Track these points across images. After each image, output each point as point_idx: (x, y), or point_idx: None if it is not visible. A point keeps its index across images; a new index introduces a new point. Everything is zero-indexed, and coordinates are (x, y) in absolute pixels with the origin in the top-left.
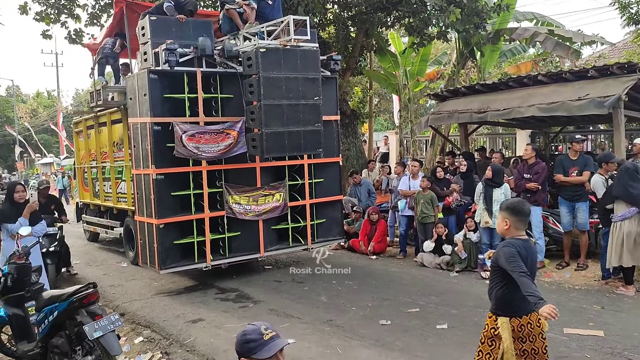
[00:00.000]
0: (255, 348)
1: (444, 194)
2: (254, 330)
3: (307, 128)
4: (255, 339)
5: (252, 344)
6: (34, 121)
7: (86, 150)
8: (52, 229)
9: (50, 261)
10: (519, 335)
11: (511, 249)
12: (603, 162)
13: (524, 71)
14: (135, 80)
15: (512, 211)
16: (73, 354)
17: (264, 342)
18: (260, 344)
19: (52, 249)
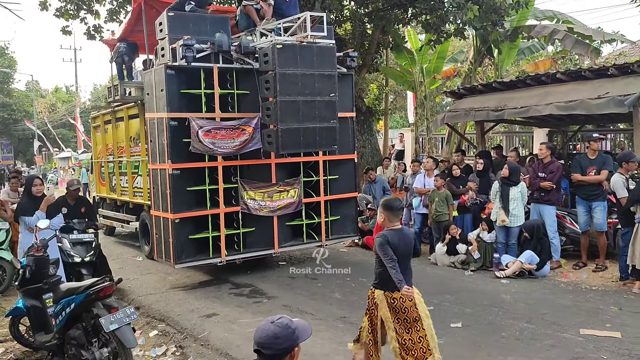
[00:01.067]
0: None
1: (460, 192)
2: (286, 320)
3: (322, 124)
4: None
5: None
6: (53, 116)
7: (103, 144)
8: (87, 235)
9: (86, 272)
10: (394, 306)
11: (381, 240)
12: (623, 162)
13: (542, 69)
14: (152, 75)
15: (385, 207)
16: (89, 346)
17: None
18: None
19: (87, 258)
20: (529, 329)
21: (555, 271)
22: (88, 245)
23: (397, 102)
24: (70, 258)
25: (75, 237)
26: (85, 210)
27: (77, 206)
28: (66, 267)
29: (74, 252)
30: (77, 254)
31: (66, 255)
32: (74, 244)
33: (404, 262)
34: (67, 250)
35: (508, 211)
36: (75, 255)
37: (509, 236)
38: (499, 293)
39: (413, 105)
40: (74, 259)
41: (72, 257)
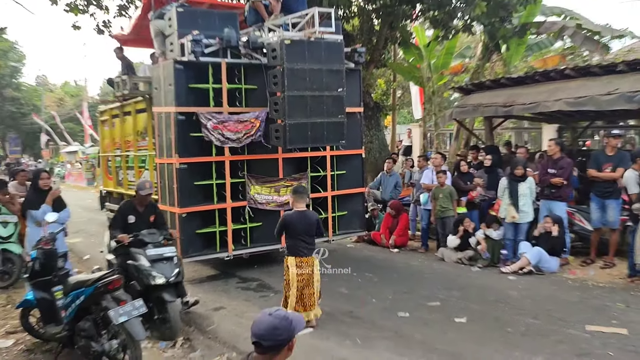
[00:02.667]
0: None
1: (467, 188)
2: (283, 313)
3: (330, 120)
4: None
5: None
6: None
7: (110, 138)
8: (167, 250)
9: (170, 296)
10: (300, 266)
11: (280, 221)
12: (637, 157)
13: (550, 65)
14: (160, 70)
15: (293, 192)
16: (99, 338)
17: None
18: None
19: (172, 279)
20: (535, 324)
21: (563, 268)
22: (171, 263)
23: (405, 98)
24: (151, 279)
25: (154, 253)
26: (156, 218)
27: (147, 214)
28: (146, 291)
29: (156, 271)
30: (160, 273)
31: (145, 277)
32: (153, 261)
33: (304, 237)
34: (145, 269)
35: (517, 207)
36: (157, 275)
37: (517, 232)
38: (505, 289)
39: (420, 101)
40: (156, 281)
41: (153, 279)
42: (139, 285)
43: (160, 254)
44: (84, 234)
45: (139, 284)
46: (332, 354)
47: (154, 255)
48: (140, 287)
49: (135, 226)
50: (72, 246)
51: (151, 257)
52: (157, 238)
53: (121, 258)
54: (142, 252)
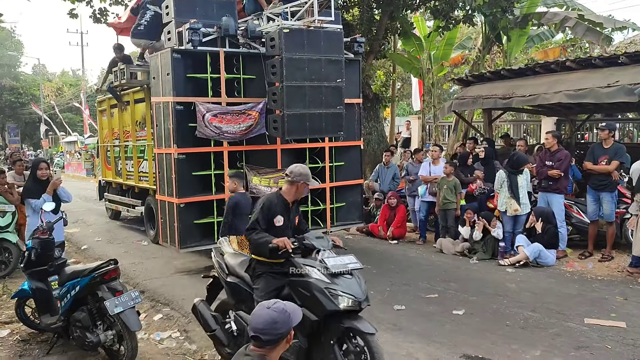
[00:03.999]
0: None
1: (468, 180)
2: (281, 305)
3: (328, 110)
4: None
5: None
6: (59, 100)
7: (109, 129)
8: (350, 259)
9: (368, 327)
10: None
11: (229, 202)
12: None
13: (551, 57)
14: (158, 59)
15: (232, 177)
16: (94, 328)
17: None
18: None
19: (364, 301)
20: (533, 317)
21: (561, 260)
22: (357, 278)
23: (405, 90)
24: (336, 302)
25: (336, 263)
26: (299, 220)
27: (294, 214)
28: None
29: (342, 290)
30: (348, 293)
31: (326, 298)
32: (334, 275)
33: (244, 218)
34: (327, 288)
35: (519, 199)
36: (346, 295)
37: (516, 224)
38: (504, 282)
39: (419, 93)
40: (344, 304)
41: (338, 301)
42: (312, 311)
43: (344, 264)
44: (82, 224)
45: (313, 309)
46: None
47: (337, 266)
48: (317, 315)
49: (281, 232)
50: (70, 236)
51: (333, 269)
52: (328, 243)
53: (263, 275)
54: (315, 262)
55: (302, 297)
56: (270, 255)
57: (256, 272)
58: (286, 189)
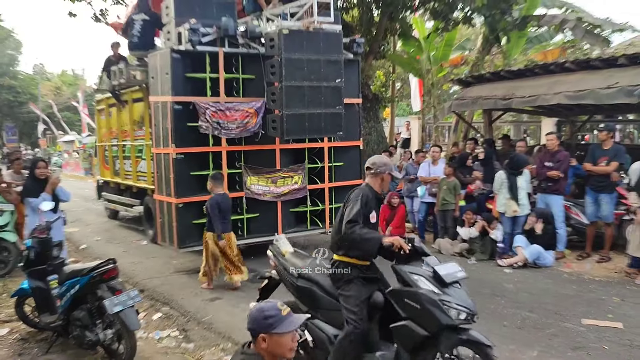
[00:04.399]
0: (275, 323)
1: (467, 181)
2: (271, 307)
3: (328, 110)
4: (274, 315)
5: (272, 319)
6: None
7: (107, 128)
8: (456, 267)
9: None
10: (216, 242)
11: (211, 202)
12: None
13: (550, 58)
14: (157, 59)
15: (211, 178)
16: (93, 327)
17: (282, 317)
18: (279, 319)
19: (475, 313)
20: (531, 318)
21: (559, 261)
22: (464, 287)
23: (404, 90)
24: (449, 315)
25: (447, 272)
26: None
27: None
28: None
29: (456, 301)
30: (462, 305)
31: (439, 311)
32: (444, 284)
33: (226, 216)
34: (441, 300)
35: (518, 201)
36: (459, 308)
37: (515, 226)
38: (501, 282)
39: (419, 93)
40: (458, 317)
41: (452, 314)
42: (422, 325)
43: (454, 272)
44: (81, 223)
45: (423, 323)
46: None
47: (449, 276)
48: (429, 329)
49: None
50: (69, 235)
51: (446, 278)
52: (425, 248)
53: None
54: (418, 269)
55: (409, 309)
56: (374, 255)
57: (345, 277)
58: (372, 182)
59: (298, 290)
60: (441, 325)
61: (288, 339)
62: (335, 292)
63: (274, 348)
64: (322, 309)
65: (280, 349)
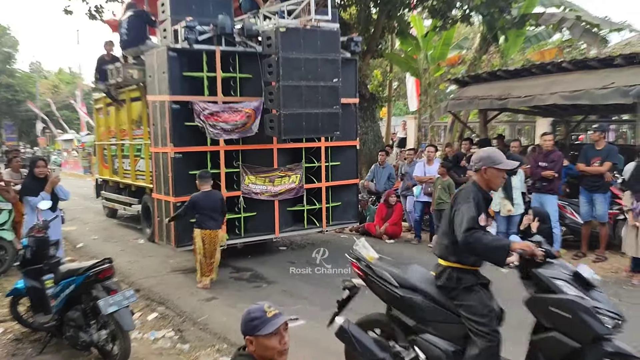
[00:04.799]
0: (259, 325)
1: (461, 181)
2: (257, 309)
3: (325, 110)
4: (258, 317)
5: (256, 321)
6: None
7: (106, 127)
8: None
9: None
10: (204, 239)
11: (191, 200)
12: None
13: (547, 58)
14: (154, 57)
15: (198, 176)
16: (88, 328)
17: (267, 318)
18: (263, 321)
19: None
20: (529, 319)
21: None
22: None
23: (401, 90)
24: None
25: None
26: None
27: None
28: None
29: (608, 309)
30: (615, 313)
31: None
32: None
33: (210, 214)
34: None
35: (512, 200)
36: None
37: (510, 225)
38: (497, 282)
39: (416, 93)
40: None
41: (604, 323)
42: (572, 336)
43: (591, 275)
44: (79, 222)
45: (574, 334)
46: (323, 345)
47: (595, 280)
48: (581, 339)
49: None
50: (66, 234)
51: (594, 282)
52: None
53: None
54: (560, 273)
55: (556, 318)
56: (502, 264)
57: (462, 284)
58: (478, 180)
59: (401, 302)
60: (597, 335)
61: (274, 341)
62: (447, 302)
63: (262, 351)
64: (432, 321)
65: (267, 352)
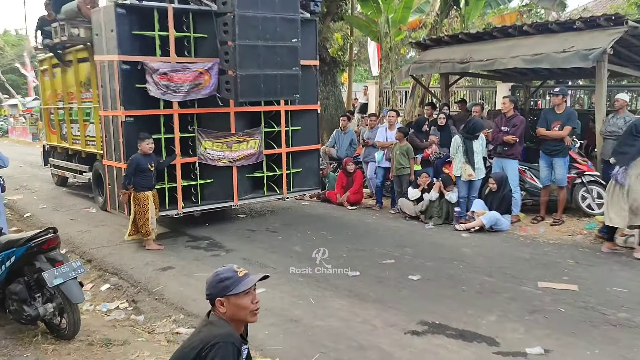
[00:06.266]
0: (231, 285)
1: (423, 145)
2: (226, 270)
3: (284, 72)
4: (229, 277)
5: (227, 281)
6: (0, 60)
7: (52, 90)
8: None
9: None
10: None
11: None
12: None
13: (508, 22)
14: (100, 14)
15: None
16: (32, 301)
17: (239, 278)
18: (235, 281)
19: None
20: (488, 282)
21: (514, 225)
22: None
23: (362, 54)
24: None
25: None
26: None
27: None
28: None
29: None
30: None
31: None
32: None
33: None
34: None
35: (473, 165)
36: None
37: (471, 189)
38: (459, 247)
39: (377, 57)
40: None
41: None
42: None
43: None
44: (26, 190)
45: None
46: (286, 315)
47: None
48: None
49: None
50: (11, 203)
51: None
52: None
53: None
54: None
55: None
56: None
57: None
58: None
59: None
60: None
61: (247, 300)
62: None
63: (234, 311)
64: None
65: (240, 312)
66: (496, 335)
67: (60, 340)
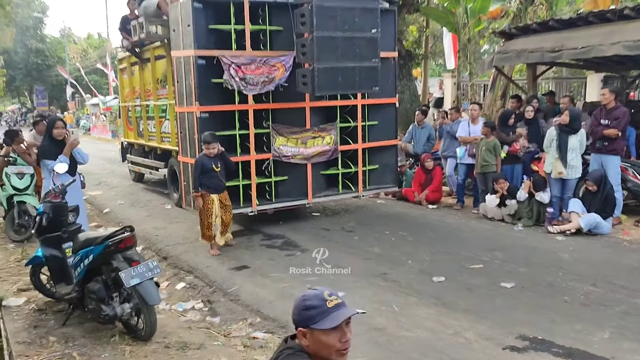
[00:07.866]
0: (317, 316)
1: (510, 139)
2: (314, 296)
3: (363, 64)
4: (316, 305)
5: (313, 311)
6: (84, 62)
7: (130, 87)
8: None
9: None
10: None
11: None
12: None
13: (602, 7)
14: (178, 9)
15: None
16: (110, 301)
17: (327, 309)
18: (322, 312)
19: None
20: (595, 292)
21: (615, 228)
22: None
23: (436, 47)
24: None
25: None
26: None
27: None
28: None
29: None
30: None
31: None
32: None
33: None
34: None
35: (566, 162)
36: None
37: (564, 189)
38: (555, 251)
39: (453, 50)
40: None
41: None
42: None
43: None
44: (105, 186)
45: None
46: (369, 322)
47: None
48: None
49: None
50: (91, 199)
51: None
52: None
53: None
54: None
55: None
56: None
57: None
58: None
59: None
60: None
61: (334, 338)
62: None
63: (317, 347)
64: None
65: (324, 350)
66: (612, 356)
67: (137, 342)
